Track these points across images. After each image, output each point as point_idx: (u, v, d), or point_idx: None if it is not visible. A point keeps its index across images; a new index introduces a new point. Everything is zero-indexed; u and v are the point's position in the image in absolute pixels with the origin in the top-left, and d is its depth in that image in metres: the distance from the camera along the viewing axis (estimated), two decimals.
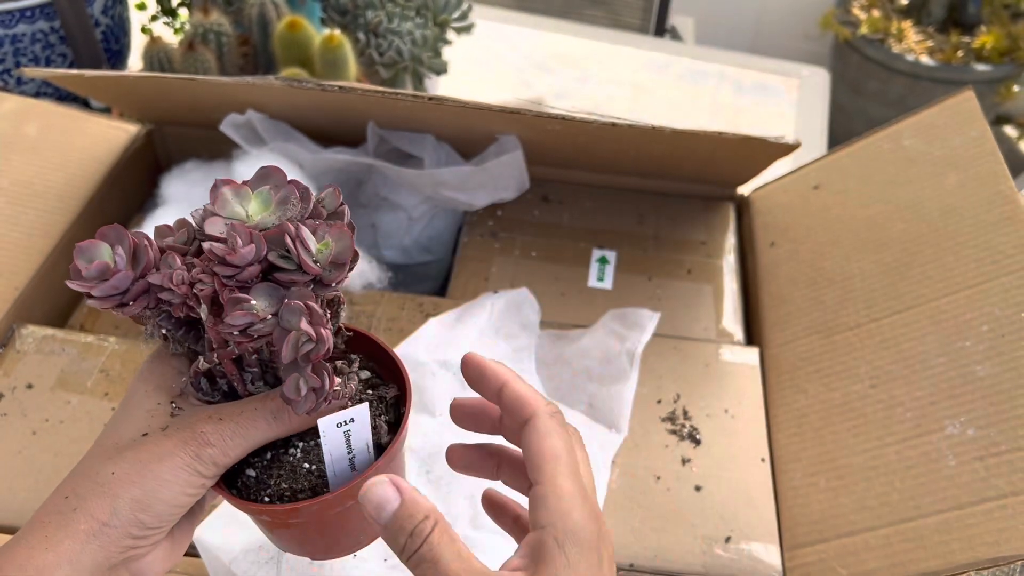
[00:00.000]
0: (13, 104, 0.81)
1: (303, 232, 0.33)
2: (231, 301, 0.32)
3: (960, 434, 0.56)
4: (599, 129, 0.67)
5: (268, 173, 0.35)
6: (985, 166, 0.68)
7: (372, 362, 0.42)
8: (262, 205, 0.35)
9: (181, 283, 0.33)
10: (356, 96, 0.65)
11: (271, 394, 0.36)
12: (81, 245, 0.34)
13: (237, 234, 0.32)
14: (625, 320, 0.70)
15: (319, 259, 0.34)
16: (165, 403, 0.36)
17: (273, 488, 0.37)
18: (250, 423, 0.35)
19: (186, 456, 0.34)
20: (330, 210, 0.37)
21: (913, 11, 2.02)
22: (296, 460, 0.37)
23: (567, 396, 0.66)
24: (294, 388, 0.33)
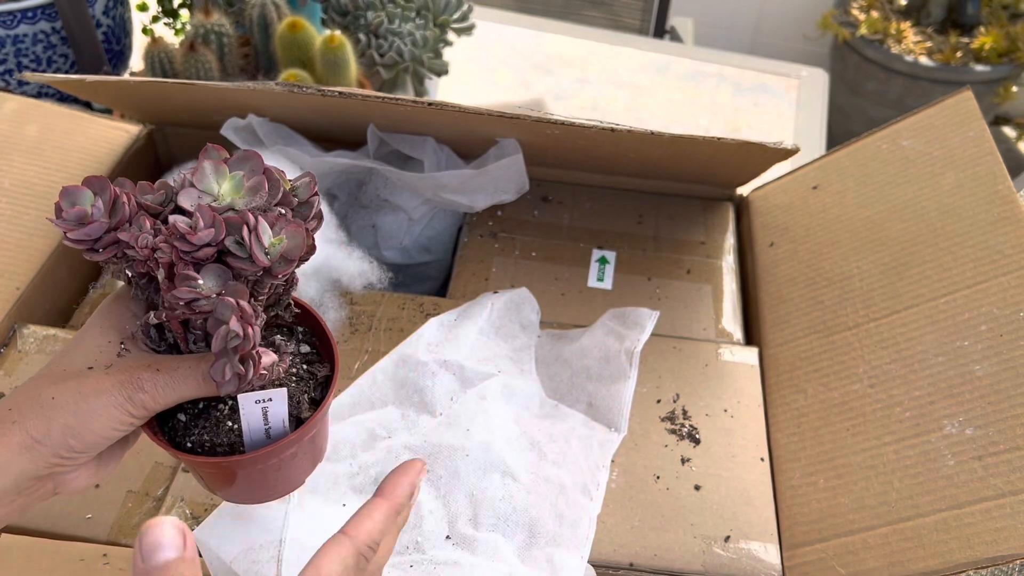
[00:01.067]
0: (15, 104, 0.81)
1: (260, 225, 0.36)
2: (182, 276, 0.35)
3: (959, 433, 0.56)
4: (598, 134, 0.67)
5: (247, 156, 0.38)
6: (983, 166, 0.68)
7: (315, 337, 0.45)
8: (233, 188, 0.38)
9: (144, 246, 0.36)
10: (356, 101, 0.65)
11: (207, 357, 0.39)
12: (67, 188, 0.37)
13: (201, 215, 0.35)
14: (624, 319, 0.70)
15: (270, 252, 0.36)
16: (115, 342, 0.39)
17: (196, 436, 0.41)
18: (182, 379, 0.38)
19: (120, 396, 0.37)
20: (302, 199, 0.40)
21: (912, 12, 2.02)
22: (222, 416, 0.41)
23: (566, 396, 0.66)
24: (220, 372, 0.36)
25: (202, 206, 0.36)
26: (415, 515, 0.56)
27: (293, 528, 0.54)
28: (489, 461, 0.59)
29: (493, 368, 0.65)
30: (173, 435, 0.41)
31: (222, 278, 0.36)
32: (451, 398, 0.63)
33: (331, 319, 0.69)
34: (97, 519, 0.57)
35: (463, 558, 0.54)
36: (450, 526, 0.56)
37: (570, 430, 0.63)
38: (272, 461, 0.41)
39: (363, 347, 0.68)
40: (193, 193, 0.37)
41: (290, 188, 0.39)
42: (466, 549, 0.55)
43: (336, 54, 0.83)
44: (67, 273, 0.74)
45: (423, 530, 0.55)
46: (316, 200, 0.40)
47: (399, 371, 0.64)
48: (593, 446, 0.62)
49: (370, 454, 0.59)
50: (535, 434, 0.62)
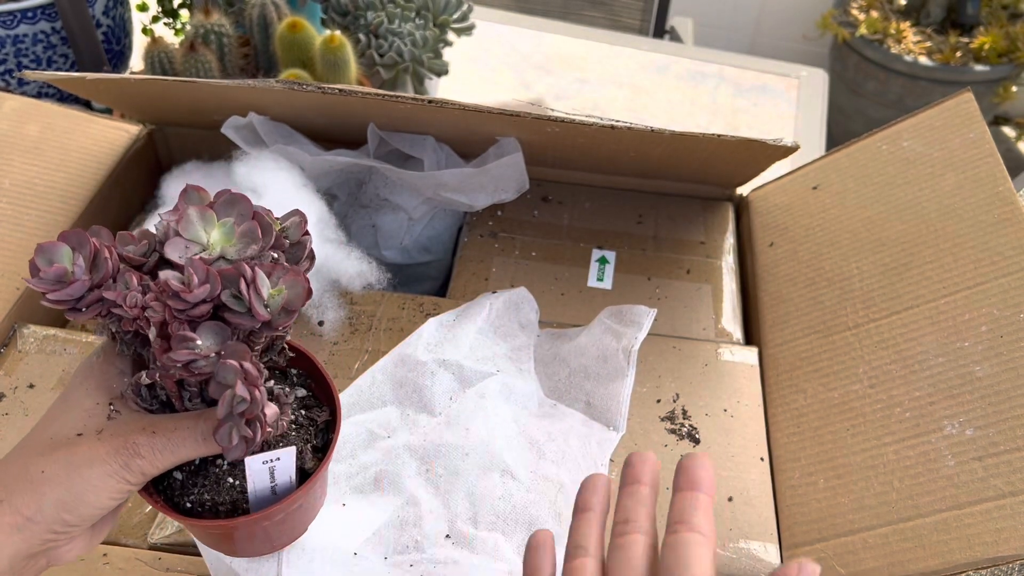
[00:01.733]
0: (15, 104, 0.81)
1: (258, 278, 0.34)
2: (178, 338, 0.33)
3: (959, 434, 0.56)
4: (598, 131, 0.67)
5: (235, 200, 0.36)
6: (983, 167, 0.68)
7: (311, 379, 0.43)
8: (224, 237, 0.35)
9: (134, 305, 0.34)
10: (356, 99, 0.65)
11: (205, 413, 0.37)
12: (42, 245, 0.35)
13: (194, 270, 0.33)
14: (622, 317, 0.70)
15: (270, 304, 0.34)
16: (103, 403, 0.37)
17: (196, 496, 0.38)
18: (181, 440, 0.36)
19: (115, 464, 0.35)
20: (293, 240, 0.37)
21: (911, 12, 2.02)
22: (221, 472, 0.39)
23: (565, 395, 0.66)
24: (226, 437, 0.34)
25: (194, 260, 0.34)
26: (415, 514, 0.56)
27: None
28: (488, 460, 0.59)
29: (492, 367, 0.65)
30: (170, 494, 0.39)
31: (220, 336, 0.34)
32: (450, 397, 0.63)
33: (331, 319, 0.69)
34: None
35: (463, 557, 0.54)
36: (450, 525, 0.56)
37: (569, 429, 0.63)
38: (279, 517, 0.39)
39: (363, 347, 0.68)
40: (180, 243, 0.35)
41: (280, 229, 0.37)
42: (466, 548, 0.55)
43: (336, 54, 0.83)
44: None
45: (423, 529, 0.55)
46: (308, 240, 0.38)
47: (398, 371, 0.65)
48: (592, 445, 0.62)
49: (370, 454, 0.59)
50: (534, 433, 0.62)
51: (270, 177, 0.69)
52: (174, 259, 0.35)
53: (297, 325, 0.69)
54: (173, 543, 0.56)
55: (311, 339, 0.68)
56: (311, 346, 0.67)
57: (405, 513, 0.56)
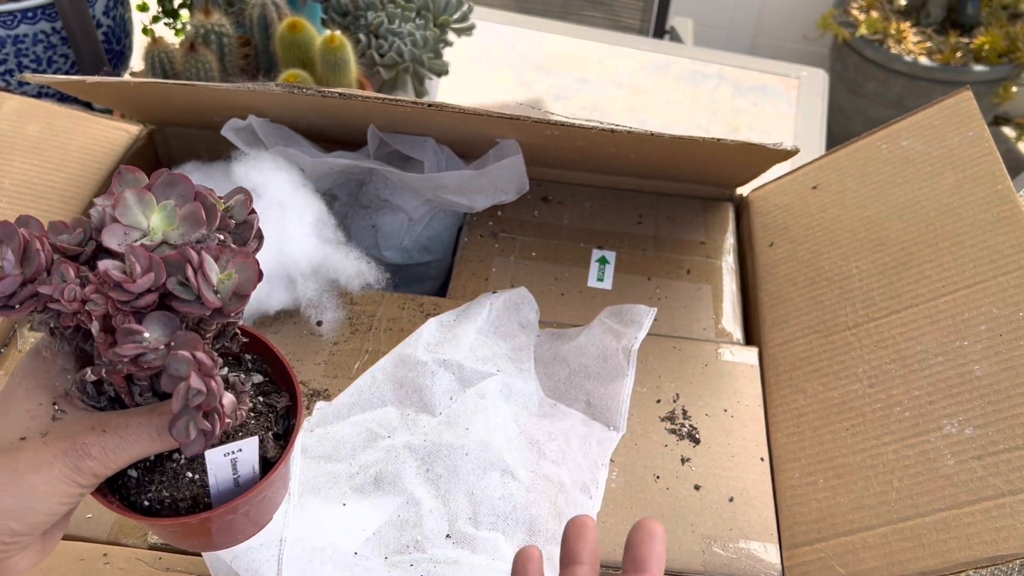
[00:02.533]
0: (15, 104, 0.81)
1: (206, 263, 0.31)
2: (123, 331, 0.31)
3: (958, 433, 0.56)
4: (598, 135, 0.67)
5: (174, 181, 0.33)
6: (983, 166, 0.68)
7: (267, 364, 0.41)
8: (166, 220, 0.33)
9: (73, 299, 0.31)
10: (356, 102, 0.65)
11: (158, 407, 0.35)
12: None
13: (136, 259, 0.31)
14: (622, 317, 0.70)
15: (220, 290, 0.32)
16: (47, 404, 0.35)
17: (154, 493, 0.37)
18: (134, 438, 0.34)
19: (65, 467, 0.33)
20: (239, 220, 0.35)
21: (911, 12, 2.02)
22: (179, 467, 0.37)
23: (565, 395, 0.66)
24: (183, 431, 0.32)
25: (134, 247, 0.31)
26: (415, 514, 0.56)
27: (294, 527, 0.54)
28: (488, 460, 0.59)
29: (492, 367, 0.65)
30: (126, 494, 0.37)
31: (169, 326, 0.32)
32: (450, 397, 0.63)
33: (330, 319, 0.69)
34: (97, 519, 0.57)
35: (463, 557, 0.54)
36: (450, 525, 0.56)
37: (569, 428, 0.63)
38: (243, 510, 0.38)
39: (363, 347, 0.68)
40: (118, 230, 0.32)
41: (224, 209, 0.35)
42: (466, 548, 0.55)
43: (336, 54, 0.83)
44: None
45: (423, 529, 0.55)
46: (255, 219, 0.36)
47: (398, 371, 0.65)
48: (592, 444, 0.62)
49: (370, 454, 0.59)
50: (534, 433, 0.62)
51: (269, 177, 0.69)
52: (113, 247, 0.32)
53: (296, 325, 0.69)
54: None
55: (311, 339, 0.68)
56: (311, 346, 0.68)
57: (405, 513, 0.56)
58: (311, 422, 0.61)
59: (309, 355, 0.67)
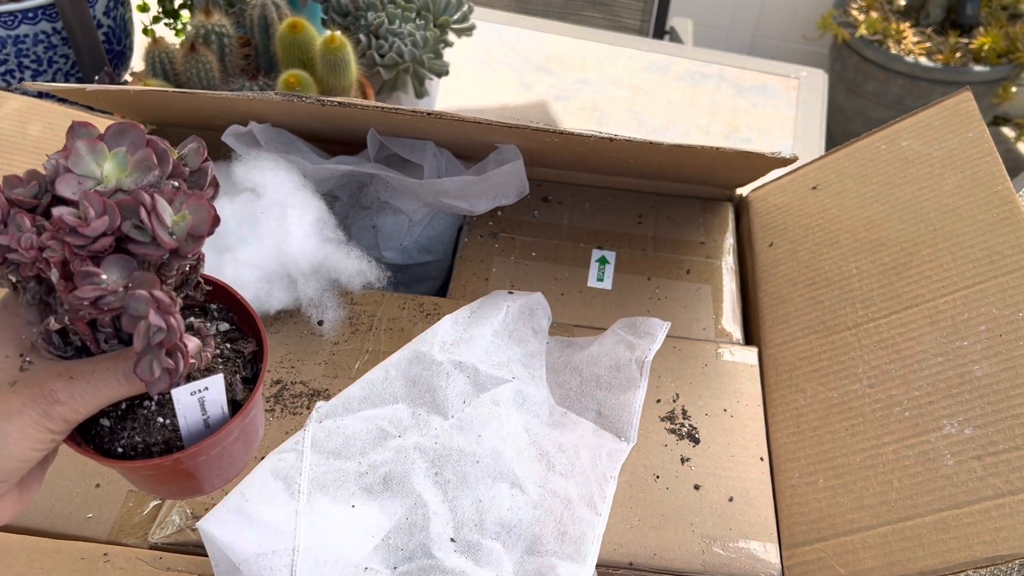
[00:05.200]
0: (16, 104, 0.81)
1: (159, 204, 0.32)
2: (81, 274, 0.32)
3: (958, 433, 0.56)
4: (597, 142, 0.67)
5: (124, 130, 0.34)
6: (983, 167, 0.68)
7: (232, 312, 0.42)
8: (118, 167, 0.34)
9: (30, 247, 0.32)
10: (356, 110, 0.65)
11: (124, 353, 0.35)
12: None
13: (89, 203, 0.32)
14: (635, 329, 0.70)
15: (175, 231, 0.33)
16: (14, 355, 0.35)
17: (127, 440, 0.37)
18: (102, 382, 0.34)
19: (35, 414, 0.34)
20: (192, 167, 0.36)
21: (911, 12, 2.02)
22: (150, 413, 0.38)
23: (576, 403, 0.66)
24: (147, 370, 0.32)
25: (87, 192, 0.32)
26: (422, 516, 0.56)
27: (305, 535, 0.53)
28: (498, 470, 0.58)
29: (507, 373, 0.65)
30: (99, 443, 0.38)
31: (126, 269, 0.33)
32: (463, 401, 0.62)
33: (331, 319, 0.69)
34: (98, 518, 0.57)
35: (468, 567, 0.54)
36: (456, 530, 0.56)
37: (579, 439, 0.63)
38: (215, 451, 0.38)
39: (363, 347, 0.68)
40: (72, 179, 0.33)
41: (178, 157, 0.35)
42: (470, 557, 0.54)
43: (336, 55, 0.83)
44: None
45: (430, 532, 0.55)
46: (208, 166, 0.36)
47: (412, 368, 0.64)
48: (602, 456, 0.62)
49: (379, 453, 0.59)
50: (545, 444, 0.62)
51: (269, 177, 0.69)
52: (67, 196, 0.33)
53: (297, 324, 0.69)
54: (174, 543, 0.56)
55: (311, 339, 0.68)
56: (311, 346, 0.68)
57: (413, 516, 0.56)
58: (319, 413, 0.61)
59: (309, 355, 0.67)
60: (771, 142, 1.11)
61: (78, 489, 0.59)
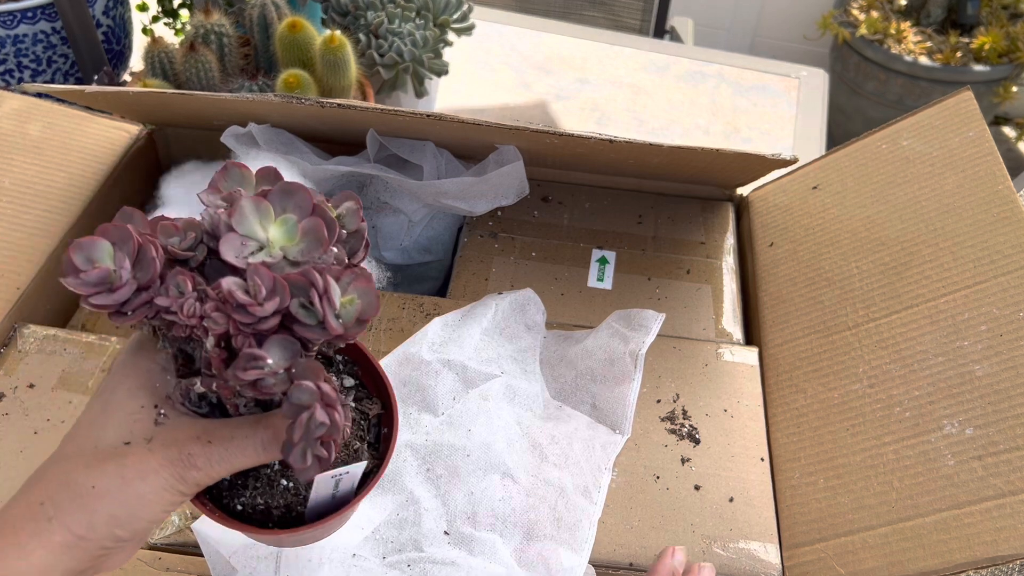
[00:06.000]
0: (15, 104, 0.81)
1: (331, 288, 0.30)
2: (246, 356, 0.30)
3: (958, 433, 0.56)
4: (597, 144, 0.67)
5: (291, 190, 0.32)
6: (983, 166, 0.68)
7: (357, 366, 0.41)
8: (286, 235, 0.32)
9: (192, 315, 0.31)
10: (355, 112, 0.65)
11: (263, 420, 0.34)
12: (80, 241, 0.32)
13: (260, 280, 0.30)
14: (630, 321, 0.70)
15: (343, 316, 0.31)
16: (148, 406, 0.34)
17: (247, 498, 0.36)
18: (240, 450, 0.34)
19: (170, 477, 0.33)
20: (349, 229, 0.34)
21: (912, 12, 2.02)
22: (274, 474, 0.37)
23: (570, 397, 0.66)
24: (300, 458, 0.31)
25: (258, 267, 0.30)
26: (414, 512, 0.56)
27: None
28: (489, 462, 0.59)
29: (496, 369, 0.65)
30: (217, 495, 0.36)
31: (289, 351, 0.31)
32: (453, 398, 0.63)
33: None
34: None
35: (461, 558, 0.54)
36: (449, 524, 0.56)
37: (573, 432, 0.63)
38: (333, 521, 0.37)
39: None
40: (235, 241, 0.31)
41: (336, 216, 0.34)
42: (464, 548, 0.55)
43: (336, 54, 0.83)
44: None
45: (422, 528, 0.55)
46: (364, 228, 0.35)
47: (402, 370, 0.65)
48: (596, 448, 0.62)
49: None
50: (537, 436, 0.62)
51: None
52: (230, 259, 0.31)
53: None
54: (173, 543, 0.56)
55: None
56: None
57: (404, 512, 0.56)
58: None
59: None
60: (771, 142, 1.11)
61: None
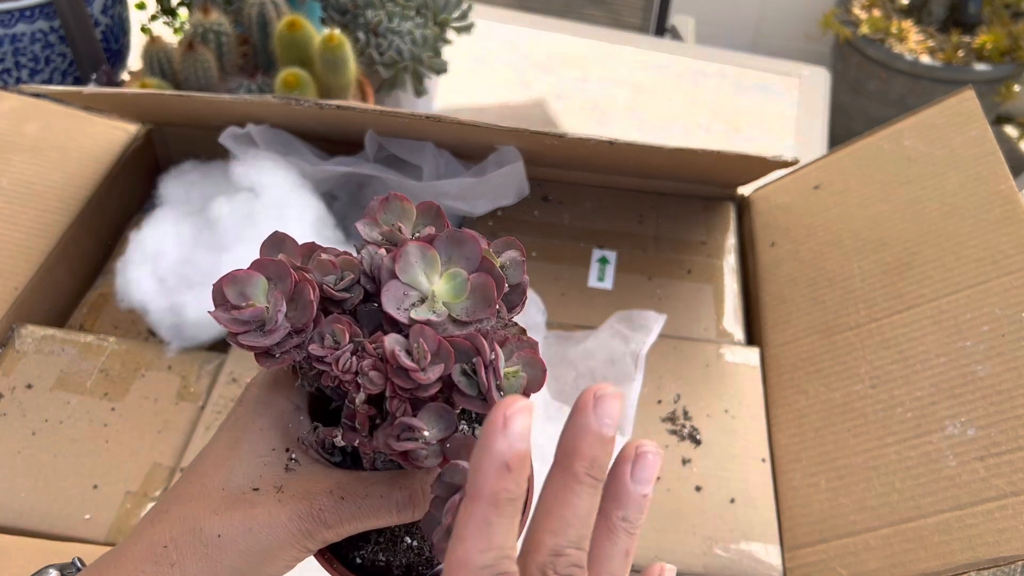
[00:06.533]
0: (13, 103, 0.81)
1: (499, 359, 0.28)
2: (400, 425, 0.29)
3: (960, 434, 0.56)
4: (597, 145, 0.67)
5: (461, 240, 0.30)
6: (985, 166, 0.67)
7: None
8: (453, 292, 0.30)
9: (347, 371, 0.29)
10: (354, 113, 0.65)
11: (399, 480, 0.32)
12: (235, 275, 0.30)
13: (426, 342, 0.28)
14: (631, 322, 0.70)
15: (505, 390, 0.29)
16: (280, 449, 0.33)
17: (369, 553, 0.35)
18: (372, 511, 0.32)
19: (298, 532, 0.31)
20: (512, 283, 0.32)
21: (914, 11, 2.02)
22: (399, 531, 0.35)
23: (571, 397, 0.66)
24: (444, 536, 0.29)
25: (424, 329, 0.28)
26: None
27: None
28: None
29: None
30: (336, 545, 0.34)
31: (446, 422, 0.29)
32: None
33: None
34: (95, 520, 0.57)
35: None
36: None
37: None
38: None
39: None
40: (397, 290, 0.29)
41: (499, 266, 0.31)
42: None
43: (335, 53, 0.83)
44: (66, 273, 0.74)
45: None
46: (526, 282, 0.32)
47: None
48: None
49: None
50: (538, 437, 0.62)
51: (268, 176, 0.69)
52: (391, 311, 0.29)
53: None
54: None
55: None
56: None
57: None
58: None
59: None
60: (773, 141, 1.11)
61: (76, 490, 0.58)
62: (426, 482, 0.32)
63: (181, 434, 0.62)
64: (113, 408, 0.63)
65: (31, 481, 0.58)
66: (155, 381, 0.65)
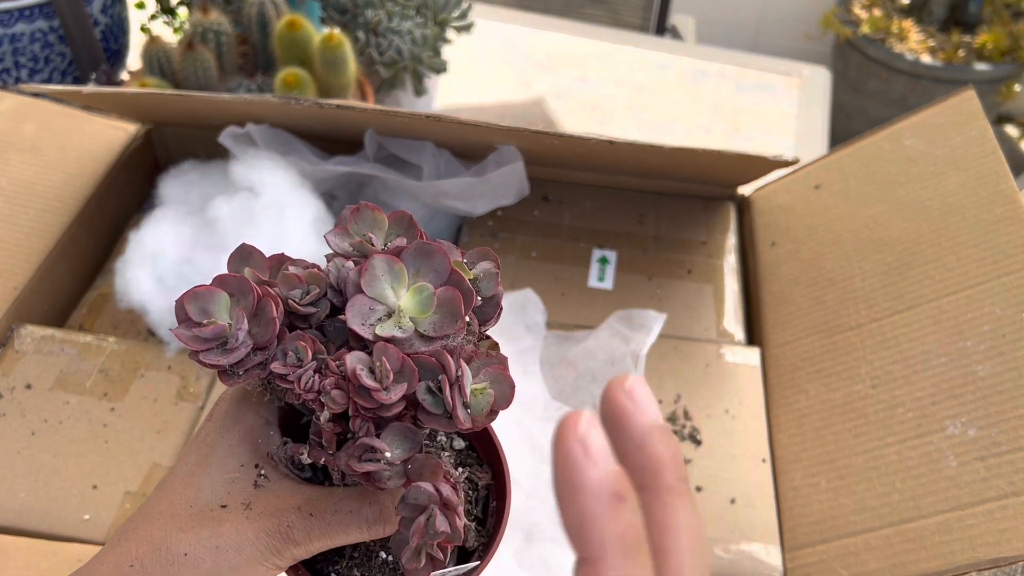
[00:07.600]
0: (12, 103, 0.81)
1: (464, 377, 0.28)
2: (362, 445, 0.28)
3: (961, 434, 0.56)
4: (597, 145, 0.67)
5: (429, 252, 0.29)
6: (986, 165, 0.67)
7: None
8: (419, 307, 0.29)
9: (309, 389, 0.28)
10: (354, 112, 0.65)
11: (369, 496, 0.32)
12: (197, 291, 0.30)
13: (388, 361, 0.27)
14: (631, 321, 0.69)
15: (473, 408, 0.28)
16: (249, 464, 0.32)
17: (343, 569, 0.34)
18: (342, 527, 0.31)
19: (266, 550, 0.31)
20: (485, 296, 0.31)
21: (914, 10, 2.01)
22: (374, 545, 0.34)
23: (571, 398, 0.66)
24: (414, 558, 0.29)
25: (387, 347, 0.28)
26: None
27: None
28: None
29: None
30: (310, 561, 0.34)
31: (409, 442, 0.29)
32: None
33: None
34: (95, 520, 0.57)
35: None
36: None
37: None
38: None
39: None
40: (364, 304, 0.29)
41: (472, 279, 0.30)
42: None
43: (335, 52, 0.83)
44: (65, 273, 0.74)
45: None
46: (500, 294, 0.32)
47: None
48: None
49: None
50: (537, 437, 0.62)
51: (267, 176, 0.69)
52: (355, 327, 0.28)
53: None
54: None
55: None
56: None
57: None
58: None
59: None
60: (773, 140, 1.11)
61: (75, 490, 0.58)
62: (396, 498, 0.31)
63: (181, 434, 0.62)
64: (113, 408, 0.63)
65: (30, 481, 0.58)
66: (155, 381, 0.64)
